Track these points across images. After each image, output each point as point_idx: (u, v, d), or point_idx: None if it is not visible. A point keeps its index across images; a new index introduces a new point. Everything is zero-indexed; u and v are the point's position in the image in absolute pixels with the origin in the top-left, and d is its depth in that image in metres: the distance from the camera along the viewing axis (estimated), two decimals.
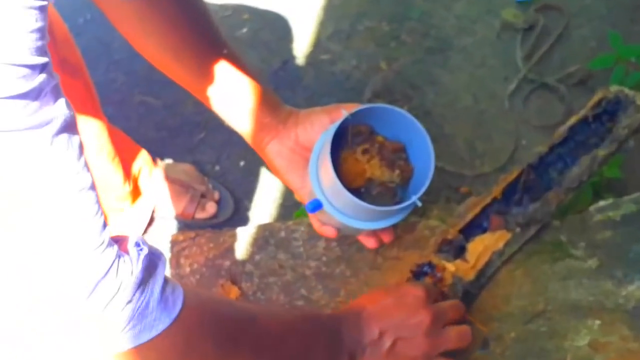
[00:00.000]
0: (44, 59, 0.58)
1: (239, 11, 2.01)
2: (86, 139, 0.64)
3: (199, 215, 1.70)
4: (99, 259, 0.64)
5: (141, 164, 1.67)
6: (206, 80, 0.94)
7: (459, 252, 1.06)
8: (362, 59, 1.88)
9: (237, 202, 1.75)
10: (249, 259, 1.14)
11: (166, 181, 1.69)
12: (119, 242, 0.69)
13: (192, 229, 1.47)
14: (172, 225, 1.74)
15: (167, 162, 1.77)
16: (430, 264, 1.05)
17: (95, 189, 0.64)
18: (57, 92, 0.60)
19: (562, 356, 0.96)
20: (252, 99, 0.96)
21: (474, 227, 1.08)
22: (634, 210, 1.05)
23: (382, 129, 0.96)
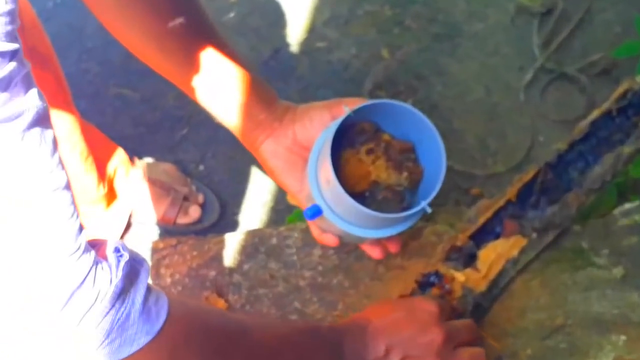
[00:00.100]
0: (14, 45, 0.58)
1: None
2: (56, 136, 0.65)
3: (181, 220, 1.71)
4: (75, 266, 0.65)
5: (117, 163, 1.67)
6: (194, 73, 0.94)
7: (469, 260, 1.06)
8: (362, 47, 1.88)
9: (224, 206, 1.75)
10: (237, 269, 1.14)
11: (145, 182, 1.70)
12: (97, 246, 0.70)
13: (174, 235, 1.47)
14: (151, 231, 1.74)
15: (145, 161, 1.77)
16: (437, 274, 1.05)
17: (70, 188, 0.65)
18: (28, 81, 0.60)
19: None
20: (246, 94, 0.96)
21: (485, 233, 1.09)
22: None
23: (389, 126, 0.95)
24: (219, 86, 0.96)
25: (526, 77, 1.78)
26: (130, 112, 1.88)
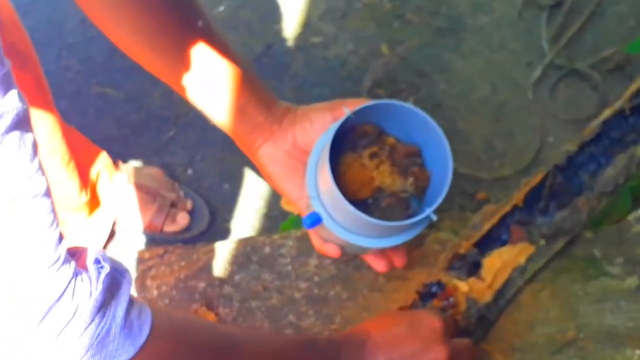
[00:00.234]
0: None
1: None
2: (36, 140, 0.65)
3: (169, 228, 1.71)
4: (54, 278, 0.65)
5: (100, 167, 1.67)
6: (187, 71, 0.94)
7: (473, 269, 1.07)
8: (360, 42, 1.89)
9: (214, 212, 1.75)
10: (228, 280, 1.14)
11: (130, 188, 1.70)
12: (77, 255, 0.70)
13: (161, 244, 1.48)
14: (136, 240, 1.74)
15: (130, 165, 1.77)
16: (439, 284, 1.06)
17: (50, 195, 0.65)
18: (8, 82, 0.61)
19: None
20: (243, 94, 0.96)
21: (491, 240, 1.09)
22: None
23: (393, 128, 0.95)
24: (213, 86, 0.95)
25: (534, 73, 1.78)
26: (113, 113, 1.88)
